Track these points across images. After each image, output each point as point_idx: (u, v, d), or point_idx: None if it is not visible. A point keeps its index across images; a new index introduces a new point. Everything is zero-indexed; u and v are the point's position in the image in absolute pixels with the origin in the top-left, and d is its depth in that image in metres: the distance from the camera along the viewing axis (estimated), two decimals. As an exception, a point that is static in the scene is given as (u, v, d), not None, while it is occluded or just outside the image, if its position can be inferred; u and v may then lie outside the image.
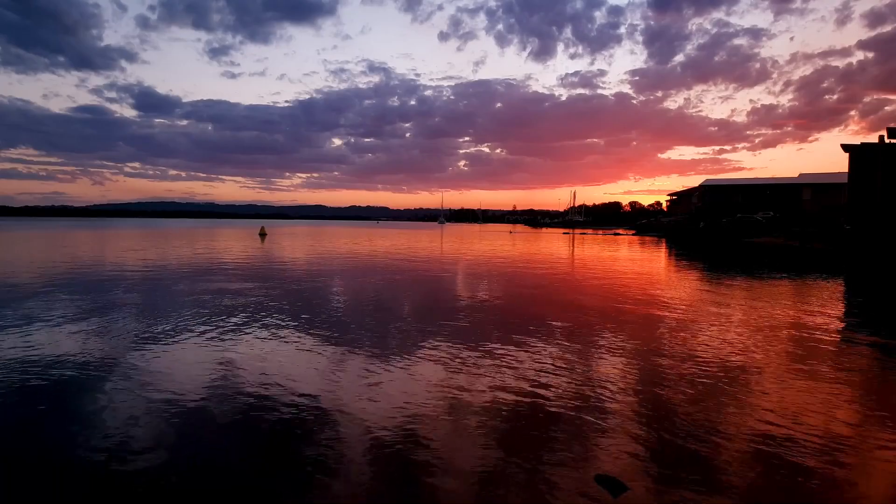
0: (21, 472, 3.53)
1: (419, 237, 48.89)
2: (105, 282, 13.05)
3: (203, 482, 3.39)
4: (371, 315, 9.18)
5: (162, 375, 5.51)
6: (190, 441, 3.98)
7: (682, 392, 5.14)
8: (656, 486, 3.34)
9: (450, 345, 6.98)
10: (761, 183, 56.42)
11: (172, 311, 9.09)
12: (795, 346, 7.09)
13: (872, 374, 5.90)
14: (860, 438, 4.10)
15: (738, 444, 3.96)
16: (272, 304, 10.07)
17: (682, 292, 12.55)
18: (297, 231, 63.61)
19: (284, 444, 3.93)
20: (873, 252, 24.23)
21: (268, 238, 40.55)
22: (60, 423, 4.29)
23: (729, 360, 6.29)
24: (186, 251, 24.91)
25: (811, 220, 36.74)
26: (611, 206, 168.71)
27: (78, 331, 7.52)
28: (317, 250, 27.44)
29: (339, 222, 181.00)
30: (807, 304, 10.73)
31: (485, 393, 5.08)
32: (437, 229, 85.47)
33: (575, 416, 4.50)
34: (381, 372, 5.73)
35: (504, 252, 28.16)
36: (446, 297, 11.66)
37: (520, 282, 14.65)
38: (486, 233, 68.29)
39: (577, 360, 6.28)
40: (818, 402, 4.90)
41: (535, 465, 3.62)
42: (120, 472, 3.47)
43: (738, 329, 8.17)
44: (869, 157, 33.18)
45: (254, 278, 14.25)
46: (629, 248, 34.37)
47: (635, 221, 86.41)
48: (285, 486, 3.33)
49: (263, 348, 6.70)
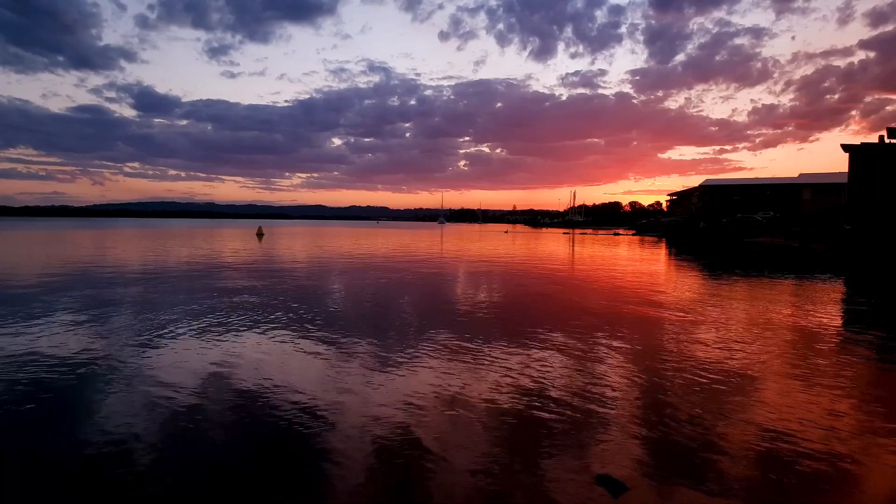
0: (20, 471, 3.51)
1: (419, 237, 48.86)
2: (104, 282, 13.04)
3: (203, 482, 3.37)
4: (371, 314, 9.16)
5: (161, 375, 5.49)
6: (189, 441, 3.95)
7: (683, 392, 5.12)
8: (656, 486, 3.32)
9: (449, 344, 6.96)
10: (761, 183, 56.40)
11: (170, 311, 9.06)
12: (796, 347, 7.07)
13: (873, 375, 5.88)
14: (861, 439, 4.08)
15: (738, 445, 3.94)
16: (271, 303, 10.04)
17: (681, 292, 12.53)
18: (297, 231, 63.59)
19: (285, 444, 3.91)
20: (873, 252, 24.22)
21: (266, 238, 40.53)
22: (60, 422, 4.27)
23: (729, 360, 6.27)
24: (185, 251, 24.90)
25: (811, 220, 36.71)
26: (611, 206, 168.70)
27: (77, 330, 7.50)
28: (315, 250, 27.42)
29: (338, 222, 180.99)
30: (807, 305, 10.71)
31: (485, 392, 5.06)
32: (436, 229, 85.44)
33: (575, 416, 4.48)
34: (381, 371, 5.71)
35: (504, 252, 28.14)
36: (446, 296, 11.64)
37: (520, 281, 14.63)
38: (486, 233, 68.26)
39: (577, 360, 6.26)
40: (819, 402, 4.88)
41: (535, 464, 3.60)
42: (120, 472, 3.45)
43: (737, 329, 8.15)
44: (869, 157, 33.17)
45: (252, 278, 14.24)
46: (629, 248, 34.35)
47: (635, 221, 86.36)
48: (285, 486, 3.31)
49: (263, 348, 6.68)
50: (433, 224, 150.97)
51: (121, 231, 53.37)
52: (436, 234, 61.04)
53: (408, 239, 44.04)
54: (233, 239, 38.81)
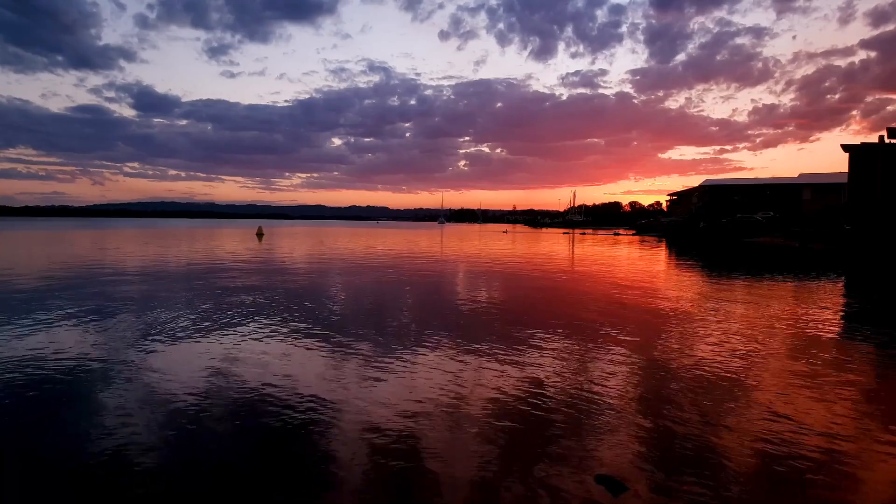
0: (20, 471, 3.51)
1: (419, 237, 48.86)
2: (104, 282, 13.03)
3: (203, 481, 3.37)
4: (371, 314, 9.16)
5: (162, 374, 5.49)
6: (190, 440, 3.95)
7: (683, 392, 5.12)
8: (656, 486, 3.32)
9: (449, 344, 6.96)
10: (761, 183, 56.42)
11: (171, 311, 9.06)
12: (796, 347, 7.07)
13: (873, 375, 5.88)
14: (862, 439, 4.08)
15: (738, 445, 3.94)
16: (272, 303, 10.04)
17: (681, 292, 12.53)
18: (297, 231, 63.60)
19: (285, 444, 3.91)
20: (873, 252, 24.21)
21: (266, 238, 40.54)
22: (60, 422, 4.27)
23: (729, 360, 6.27)
24: (185, 251, 24.90)
25: (811, 220, 36.71)
26: (611, 206, 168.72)
27: (77, 330, 7.50)
28: (315, 250, 27.42)
29: (338, 222, 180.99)
30: (807, 305, 10.72)
31: (484, 392, 5.06)
32: (436, 229, 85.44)
33: (575, 416, 4.48)
34: (381, 371, 5.71)
35: (505, 252, 28.14)
36: (446, 296, 11.64)
37: (520, 281, 14.63)
38: (486, 233, 68.26)
39: (577, 360, 6.26)
40: (819, 402, 4.88)
41: (535, 464, 3.60)
42: (120, 472, 3.44)
43: (738, 329, 8.15)
44: (869, 157, 33.18)
45: (253, 278, 14.23)
46: (629, 248, 34.34)
47: (635, 221, 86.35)
48: (285, 486, 3.31)
49: (263, 347, 6.68)
50: (433, 224, 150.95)
51: (121, 231, 53.37)
52: (435, 234, 61.03)
53: (408, 239, 44.04)
54: (233, 239, 38.82)
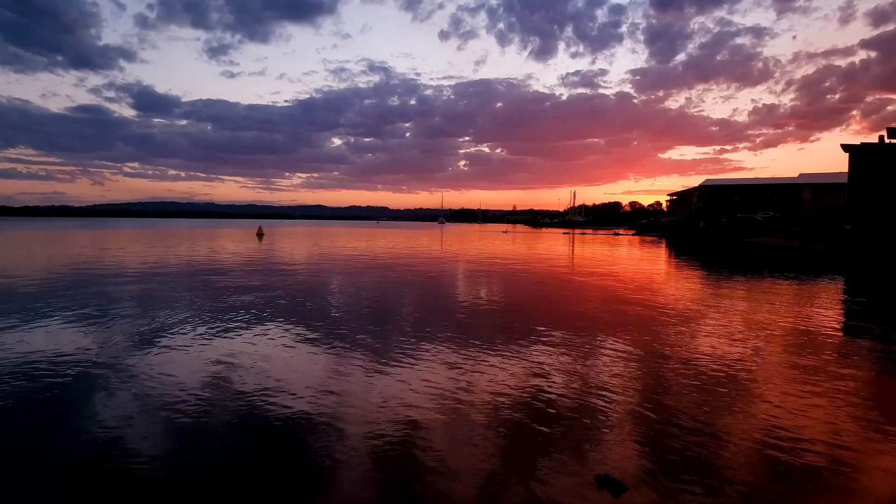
0: (20, 471, 3.51)
1: (419, 237, 48.86)
2: (104, 282, 13.03)
3: (203, 481, 3.37)
4: (371, 314, 9.16)
5: (162, 374, 5.49)
6: (190, 439, 3.95)
7: (683, 392, 5.12)
8: (656, 486, 3.32)
9: (449, 344, 6.96)
10: (761, 183, 56.40)
11: (171, 310, 9.06)
12: (796, 347, 7.07)
13: (874, 375, 5.88)
14: (862, 439, 4.08)
15: (738, 445, 3.94)
16: (272, 303, 10.04)
17: (681, 292, 12.53)
18: (297, 231, 63.60)
19: (285, 443, 3.91)
20: (873, 252, 24.22)
21: (266, 238, 40.54)
22: (60, 422, 4.27)
23: (729, 361, 6.27)
24: (185, 251, 24.90)
25: (811, 220, 36.70)
26: (611, 206, 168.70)
27: (77, 329, 7.50)
28: (315, 250, 27.42)
29: (338, 222, 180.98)
30: (807, 305, 10.71)
31: (484, 393, 5.06)
32: (436, 229, 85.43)
33: (575, 417, 4.48)
34: (381, 370, 5.71)
35: (505, 252, 28.14)
36: (446, 297, 11.63)
37: (520, 281, 14.63)
38: (486, 233, 68.25)
39: (577, 361, 6.25)
40: (819, 402, 4.88)
41: (535, 465, 3.60)
42: (120, 472, 3.45)
43: (738, 330, 8.15)
44: (869, 157, 33.18)
45: (253, 278, 14.23)
46: (629, 248, 34.34)
47: (635, 221, 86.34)
48: (286, 486, 3.31)
49: (264, 347, 6.68)
50: (433, 224, 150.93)
51: (121, 231, 53.37)
52: (436, 234, 61.03)
53: (408, 239, 44.03)
54: (233, 239, 38.81)
